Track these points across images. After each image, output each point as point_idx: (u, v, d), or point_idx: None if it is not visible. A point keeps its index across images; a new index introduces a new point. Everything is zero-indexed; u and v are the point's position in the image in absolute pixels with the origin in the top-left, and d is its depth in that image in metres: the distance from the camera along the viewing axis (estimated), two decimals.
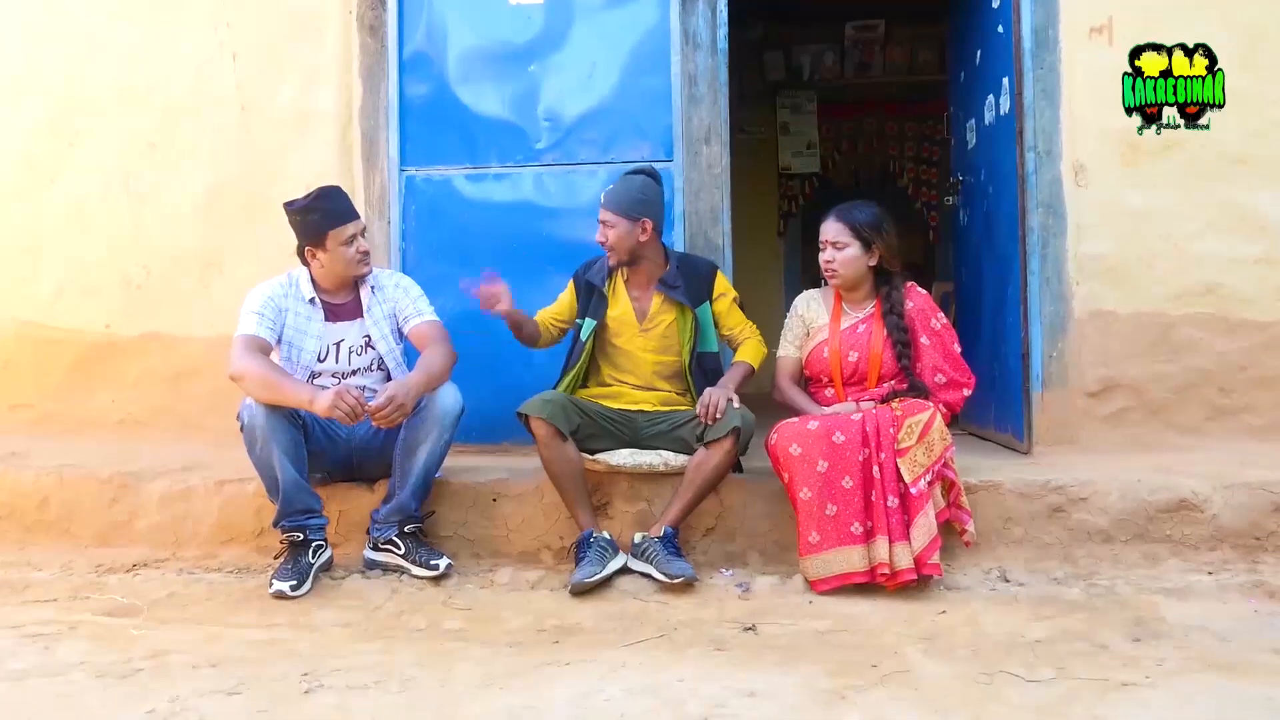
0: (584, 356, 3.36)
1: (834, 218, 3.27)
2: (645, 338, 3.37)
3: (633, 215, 3.27)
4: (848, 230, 3.24)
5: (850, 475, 2.95)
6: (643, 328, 3.36)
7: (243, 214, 4.14)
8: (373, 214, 4.00)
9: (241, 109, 4.16)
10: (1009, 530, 3.18)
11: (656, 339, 3.37)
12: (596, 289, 3.38)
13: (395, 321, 3.33)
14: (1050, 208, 3.77)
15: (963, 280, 4.60)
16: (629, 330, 3.37)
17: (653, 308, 3.37)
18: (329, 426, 3.21)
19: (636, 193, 3.29)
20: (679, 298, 3.31)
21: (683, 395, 3.39)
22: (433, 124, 4.06)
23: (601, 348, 3.43)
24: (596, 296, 3.38)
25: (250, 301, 3.18)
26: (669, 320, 3.36)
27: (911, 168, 7.29)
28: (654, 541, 3.06)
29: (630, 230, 3.28)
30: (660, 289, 3.35)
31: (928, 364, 3.23)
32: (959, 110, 4.56)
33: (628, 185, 3.31)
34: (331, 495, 3.36)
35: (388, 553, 3.19)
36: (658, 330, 3.36)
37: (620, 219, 3.27)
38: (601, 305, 3.38)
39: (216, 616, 2.85)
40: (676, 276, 3.35)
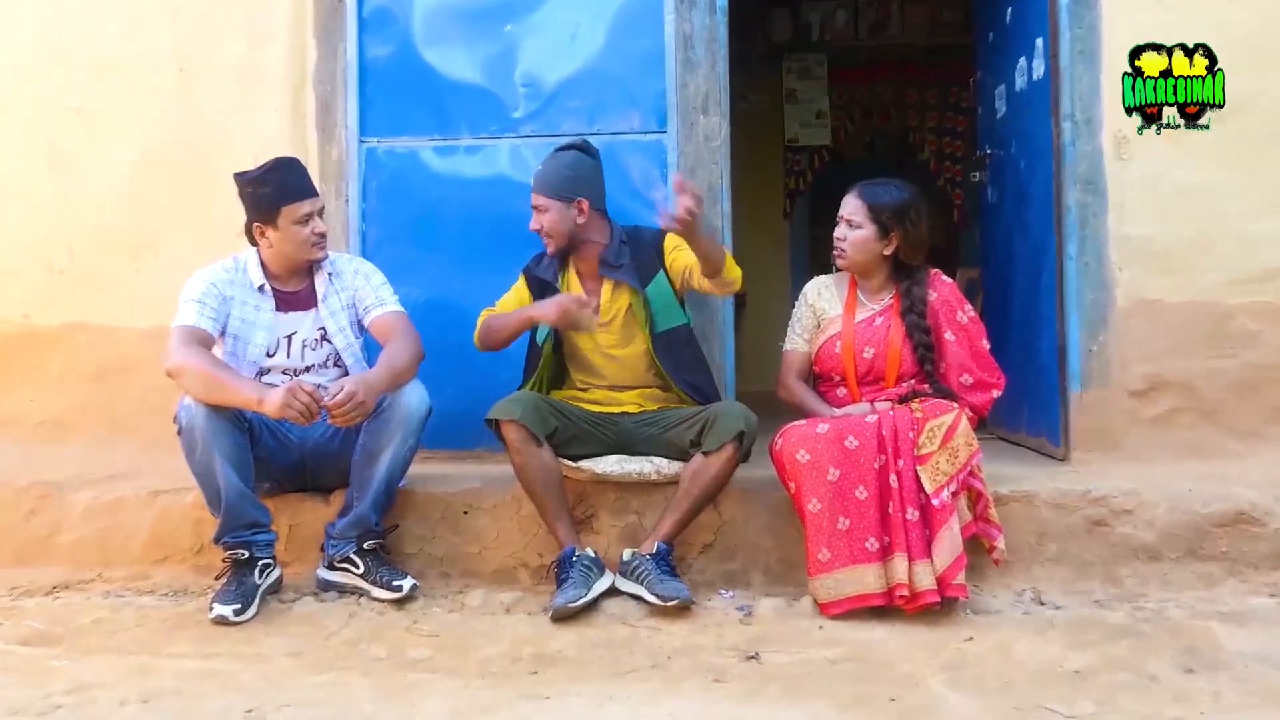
0: (543, 363, 3.36)
1: (856, 193, 3.29)
2: (606, 333, 3.36)
3: (565, 195, 3.28)
4: (865, 210, 3.24)
5: (865, 485, 2.94)
6: (601, 322, 3.35)
7: (181, 188, 4.11)
8: (329, 190, 3.98)
9: (180, 70, 4.13)
10: (1044, 547, 3.18)
11: (617, 332, 3.36)
12: (549, 285, 3.37)
13: (355, 312, 3.33)
14: (1090, 184, 3.76)
15: (991, 266, 4.60)
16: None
17: (605, 297, 3.36)
18: (279, 429, 3.21)
19: (567, 170, 3.30)
20: (623, 277, 3.30)
21: (666, 389, 3.38)
22: (397, 89, 4.04)
23: (567, 351, 3.43)
24: (549, 292, 3.36)
25: (190, 288, 3.17)
26: (624, 307, 3.35)
27: (933, 140, 7.31)
28: (645, 559, 3.05)
29: (565, 213, 3.28)
30: (604, 273, 3.33)
31: (953, 363, 3.23)
32: (987, 75, 4.56)
33: (556, 163, 3.32)
34: (281, 507, 3.35)
35: (344, 572, 3.18)
36: (616, 322, 3.36)
37: (552, 201, 3.28)
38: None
39: (148, 645, 2.82)
40: (619, 254, 3.34)
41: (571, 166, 3.31)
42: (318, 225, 3.23)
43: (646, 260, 3.35)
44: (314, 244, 3.23)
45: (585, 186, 3.31)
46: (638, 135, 3.91)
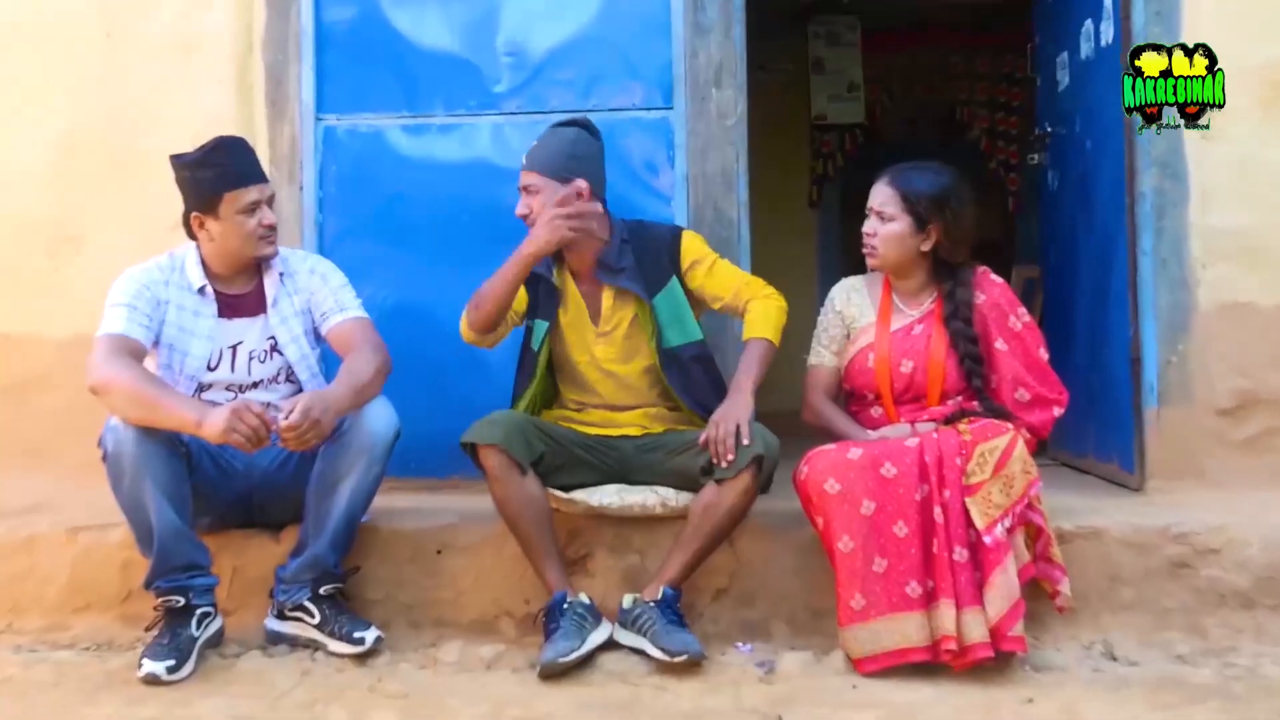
0: (540, 371, 3.36)
1: (886, 180, 3.29)
2: (606, 344, 3.36)
3: (563, 175, 3.27)
4: (898, 199, 3.24)
5: (905, 519, 2.94)
6: (599, 331, 3.36)
7: (108, 173, 4.12)
8: (280, 176, 4.00)
9: (107, 36, 4.15)
10: (1116, 592, 3.18)
11: (619, 345, 3.36)
12: (544, 279, 3.37)
13: (310, 319, 3.35)
14: (1167, 167, 3.77)
15: (1051, 263, 4.61)
16: (584, 336, 3.37)
17: (606, 302, 3.36)
18: (221, 455, 3.21)
19: (568, 147, 3.30)
20: (627, 285, 3.30)
21: (675, 408, 3.38)
22: (359, 59, 4.06)
23: (557, 364, 3.43)
24: (544, 288, 3.37)
25: (118, 290, 3.18)
26: (629, 316, 3.35)
27: (984, 116, 7.34)
28: (649, 607, 3.05)
29: (560, 196, 3.26)
30: (602, 276, 3.34)
31: (1006, 376, 3.24)
32: (1047, 41, 4.58)
33: (555, 139, 3.32)
34: (224, 546, 3.35)
35: (297, 622, 3.18)
36: (619, 333, 3.36)
37: (546, 181, 3.27)
38: (553, 301, 3.37)
39: (67, 707, 2.82)
40: (620, 255, 3.33)
41: (572, 144, 3.30)
42: (266, 216, 3.23)
43: (654, 264, 3.35)
44: (261, 237, 3.23)
45: (587, 166, 3.30)
46: (639, 112, 3.93)
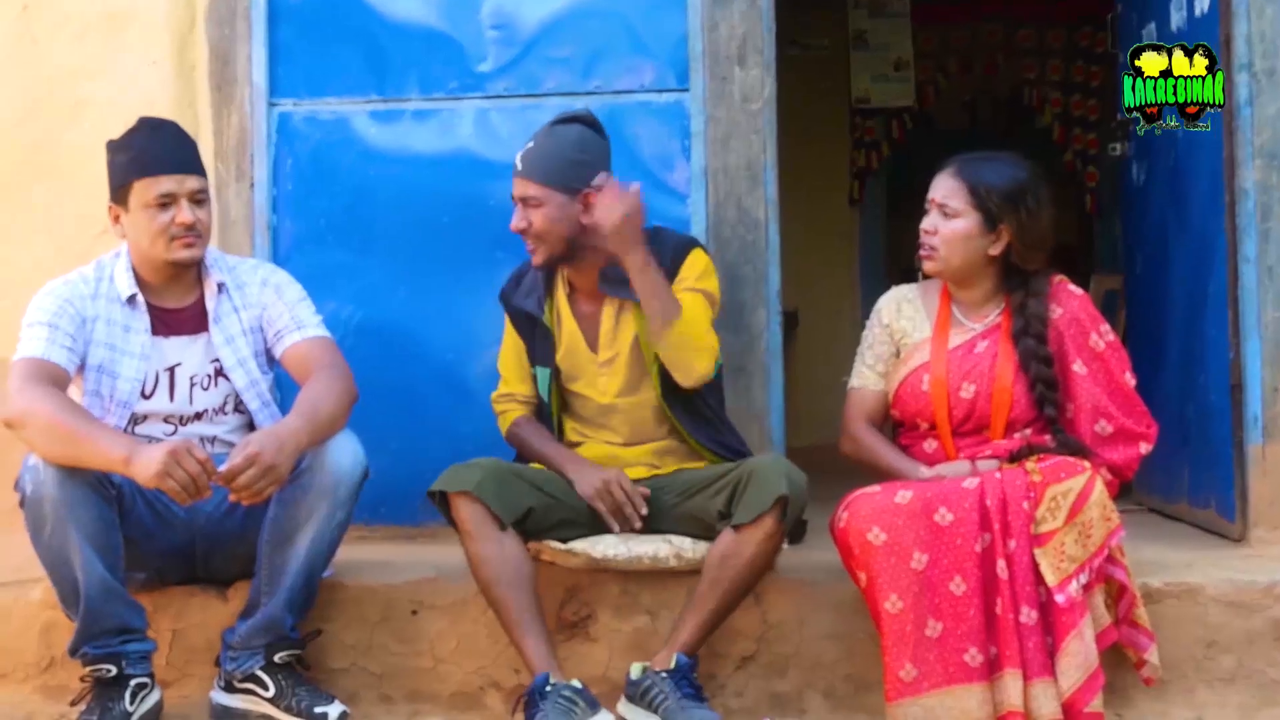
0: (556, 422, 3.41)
1: (952, 170, 3.28)
2: (609, 375, 3.37)
3: (570, 185, 3.26)
4: (965, 192, 3.23)
5: (963, 575, 2.95)
6: (600, 360, 3.37)
7: (24, 169, 4.12)
8: (227, 171, 3.99)
9: (23, 8, 4.16)
10: (1213, 660, 3.18)
11: (623, 373, 3.36)
12: (536, 321, 3.39)
13: (262, 338, 3.34)
14: (1275, 158, 3.77)
15: (1136, 272, 4.60)
16: (585, 368, 3.39)
17: (605, 324, 3.38)
18: (159, 499, 3.18)
19: (572, 151, 3.29)
20: (628, 294, 3.29)
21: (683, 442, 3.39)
22: (320, 34, 4.06)
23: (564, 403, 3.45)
24: (539, 331, 3.39)
25: (37, 308, 3.18)
26: (631, 338, 3.36)
27: (1057, 98, 7.33)
28: (661, 678, 3.05)
29: (566, 209, 3.26)
30: (604, 289, 3.35)
31: (1085, 405, 3.22)
32: (1130, 11, 4.57)
33: (556, 140, 3.30)
34: (162, 605, 3.35)
35: (249, 695, 3.18)
36: (621, 360, 3.36)
37: (550, 192, 3.25)
38: (548, 343, 3.39)
39: None
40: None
41: (578, 146, 3.30)
42: (184, 214, 3.17)
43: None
44: (175, 238, 3.17)
45: (595, 174, 3.30)
46: (650, 95, 3.94)
